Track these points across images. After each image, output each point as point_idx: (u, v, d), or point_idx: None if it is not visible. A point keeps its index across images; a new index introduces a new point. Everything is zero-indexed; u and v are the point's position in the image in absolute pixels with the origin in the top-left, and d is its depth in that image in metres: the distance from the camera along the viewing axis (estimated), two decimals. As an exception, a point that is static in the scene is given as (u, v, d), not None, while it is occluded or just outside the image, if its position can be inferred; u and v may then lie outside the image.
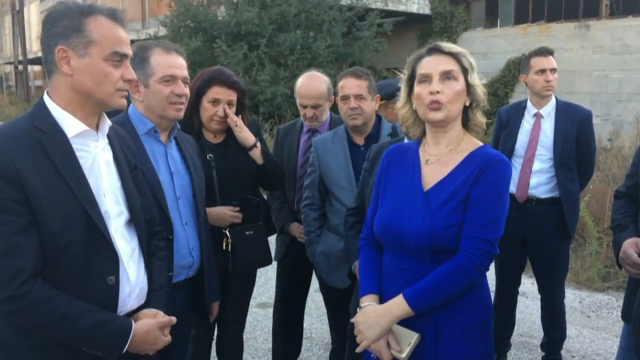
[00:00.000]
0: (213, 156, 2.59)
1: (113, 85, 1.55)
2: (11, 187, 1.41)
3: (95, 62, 1.52)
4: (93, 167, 1.57)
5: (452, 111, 1.79)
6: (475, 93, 1.81)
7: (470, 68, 1.80)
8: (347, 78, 2.78)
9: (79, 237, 1.49)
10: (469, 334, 1.79)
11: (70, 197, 1.48)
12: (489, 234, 1.72)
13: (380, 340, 1.78)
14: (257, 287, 4.76)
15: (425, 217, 1.76)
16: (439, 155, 1.85)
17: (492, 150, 1.85)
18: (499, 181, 1.76)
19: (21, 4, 28.91)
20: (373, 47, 14.63)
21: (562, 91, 12.33)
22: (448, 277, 1.72)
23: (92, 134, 1.59)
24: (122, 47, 1.56)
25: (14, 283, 1.40)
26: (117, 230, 1.61)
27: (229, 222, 2.56)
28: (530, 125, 3.43)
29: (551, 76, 3.36)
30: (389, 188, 1.92)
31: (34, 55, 32.36)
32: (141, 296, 1.69)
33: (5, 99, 30.41)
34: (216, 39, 13.20)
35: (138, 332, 1.58)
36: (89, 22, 1.52)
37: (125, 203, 1.66)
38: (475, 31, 16.07)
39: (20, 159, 1.42)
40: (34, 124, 1.50)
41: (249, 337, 4.01)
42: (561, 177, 3.36)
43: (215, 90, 2.55)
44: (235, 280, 2.67)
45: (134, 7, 23.40)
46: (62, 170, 1.48)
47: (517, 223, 3.45)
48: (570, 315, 4.37)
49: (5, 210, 1.40)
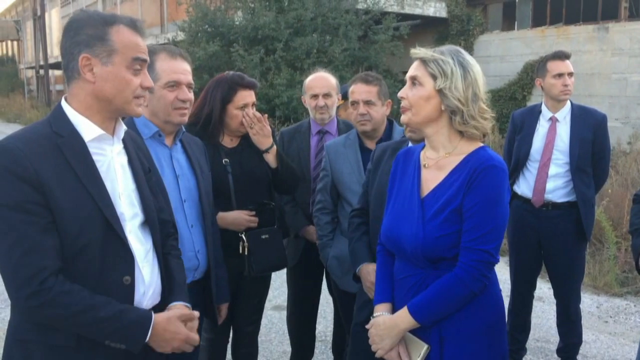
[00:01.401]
0: (229, 161, 2.61)
1: (132, 92, 1.60)
2: (31, 189, 1.45)
3: (118, 70, 1.57)
4: (109, 170, 1.62)
5: (419, 115, 1.80)
6: (446, 99, 1.76)
7: (440, 74, 1.75)
8: (357, 84, 2.81)
9: (96, 238, 1.53)
10: (475, 340, 1.79)
11: (87, 200, 1.52)
12: (486, 244, 1.71)
13: (392, 350, 1.82)
14: (272, 289, 4.79)
15: (419, 226, 1.77)
16: (436, 159, 1.85)
17: (486, 153, 1.79)
18: (493, 187, 1.73)
19: (42, 10, 29.37)
20: (389, 51, 14.61)
21: (581, 94, 12.22)
22: (447, 290, 1.73)
23: (108, 138, 1.63)
24: (142, 54, 1.61)
25: (37, 280, 1.43)
26: (132, 232, 1.65)
27: (245, 226, 2.58)
28: (545, 130, 3.42)
29: (569, 80, 3.35)
30: (394, 193, 1.94)
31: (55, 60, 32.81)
32: (155, 297, 1.72)
33: (27, 103, 30.89)
34: (233, 43, 13.29)
35: (158, 321, 1.60)
36: (112, 32, 1.57)
37: (140, 205, 1.69)
38: (492, 34, 15.97)
39: (39, 162, 1.47)
40: (53, 129, 1.55)
41: (264, 340, 4.03)
42: (577, 181, 3.35)
43: (241, 95, 2.59)
44: (250, 283, 2.70)
45: (153, 13, 23.67)
46: (80, 173, 1.52)
47: (533, 227, 3.45)
48: (588, 321, 4.33)
49: (27, 211, 1.44)
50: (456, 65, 1.76)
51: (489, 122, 1.81)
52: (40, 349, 1.54)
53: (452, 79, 1.75)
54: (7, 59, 52.15)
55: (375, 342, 1.84)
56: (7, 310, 4.56)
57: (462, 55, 1.80)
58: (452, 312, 1.75)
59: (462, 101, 1.74)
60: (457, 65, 1.76)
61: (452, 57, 1.77)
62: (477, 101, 1.77)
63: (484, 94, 1.82)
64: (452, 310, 1.75)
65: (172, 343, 1.64)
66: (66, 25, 1.60)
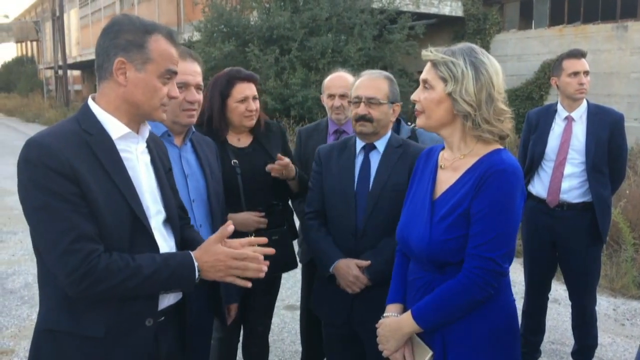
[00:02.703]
0: (237, 162, 2.60)
1: (160, 100, 1.64)
2: (68, 182, 1.50)
3: (149, 78, 1.62)
4: (135, 167, 1.66)
5: (432, 119, 1.77)
6: (456, 103, 1.70)
7: (450, 78, 1.70)
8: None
9: (126, 232, 1.58)
10: (481, 349, 1.74)
11: (117, 194, 1.57)
12: (492, 251, 1.65)
13: (397, 352, 1.81)
14: (285, 289, 4.81)
15: (426, 228, 1.74)
16: (452, 160, 1.81)
17: (499, 156, 1.72)
18: (501, 192, 1.66)
19: (61, 10, 29.73)
20: (404, 50, 14.59)
21: (599, 93, 12.07)
22: (450, 296, 1.69)
23: (134, 136, 1.68)
24: (175, 66, 1.67)
25: (87, 264, 1.47)
26: (156, 228, 1.69)
27: (255, 227, 2.58)
28: (561, 129, 3.38)
29: (584, 79, 3.31)
30: (411, 193, 1.92)
31: (73, 60, 33.24)
32: (177, 294, 1.75)
33: (45, 103, 31.33)
34: (248, 43, 13.35)
35: (198, 255, 1.62)
36: (150, 41, 1.61)
37: (162, 203, 1.74)
38: (509, 33, 15.84)
39: (72, 156, 1.51)
40: (81, 127, 1.59)
41: (277, 339, 4.04)
42: (593, 181, 3.30)
43: (239, 87, 2.57)
44: (260, 283, 2.69)
45: (170, 13, 23.87)
46: (109, 170, 1.57)
47: (547, 228, 3.41)
48: (604, 323, 4.27)
49: (70, 201, 1.49)
50: (467, 66, 1.69)
51: (507, 123, 1.73)
52: (70, 339, 1.58)
53: (463, 82, 1.68)
54: (27, 59, 52.92)
55: (382, 342, 1.84)
56: (23, 307, 4.64)
57: (475, 54, 1.71)
58: (456, 319, 1.72)
59: (473, 105, 1.68)
60: (469, 67, 1.69)
61: (464, 58, 1.70)
62: (492, 103, 1.69)
63: (502, 93, 1.73)
64: (456, 317, 1.72)
65: (220, 268, 1.63)
66: (107, 26, 1.66)
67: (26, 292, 4.94)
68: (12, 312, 4.50)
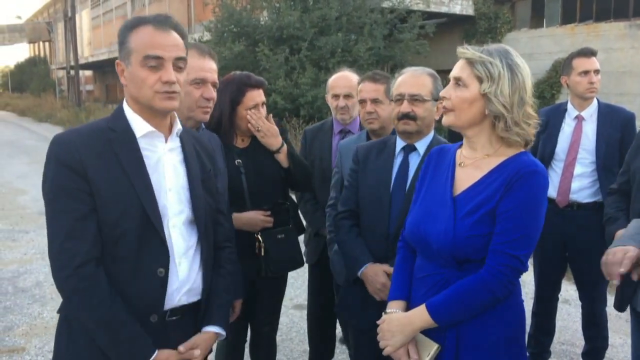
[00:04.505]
0: (241, 161, 2.60)
1: (150, 88, 1.63)
2: (77, 177, 1.57)
3: (134, 69, 1.63)
4: (157, 165, 1.69)
5: (461, 119, 1.74)
6: (491, 104, 1.69)
7: (487, 77, 1.68)
8: (365, 82, 2.77)
9: (133, 227, 1.61)
10: (494, 350, 1.72)
11: (129, 191, 1.61)
12: (517, 249, 1.65)
13: (401, 349, 1.77)
14: (294, 288, 4.82)
15: (449, 223, 1.72)
16: (473, 159, 1.79)
17: (528, 158, 1.73)
18: (532, 194, 1.67)
19: (73, 11, 29.96)
20: (415, 50, 14.52)
21: (611, 92, 11.96)
22: (470, 291, 1.67)
23: (158, 135, 1.71)
24: (155, 51, 1.62)
25: (73, 264, 1.55)
26: (176, 227, 1.71)
27: (261, 226, 2.58)
28: (571, 128, 3.36)
29: (595, 78, 3.28)
30: (423, 191, 1.90)
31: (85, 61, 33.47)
32: (192, 294, 1.76)
33: (58, 103, 31.57)
34: (258, 43, 13.36)
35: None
36: (131, 34, 1.64)
37: (189, 203, 1.74)
38: (520, 31, 15.76)
39: (87, 153, 1.59)
40: (109, 125, 1.68)
41: (285, 339, 4.05)
42: (604, 181, 3.26)
43: (250, 95, 2.58)
44: (267, 283, 2.69)
45: (180, 13, 23.97)
46: (126, 166, 1.62)
47: (557, 228, 3.38)
48: (615, 324, 4.23)
49: (72, 196, 1.57)
50: (504, 68, 1.68)
51: (532, 128, 1.73)
52: (80, 327, 1.63)
53: (499, 83, 1.67)
54: (39, 59, 53.40)
55: (386, 338, 1.79)
56: (34, 306, 4.67)
57: (511, 56, 1.71)
58: (471, 316, 1.70)
59: (507, 107, 1.67)
60: (506, 68, 1.68)
61: (501, 59, 1.69)
62: (523, 106, 1.70)
63: (531, 97, 1.73)
64: (472, 313, 1.70)
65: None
66: None
67: (37, 291, 4.98)
68: (24, 311, 4.54)
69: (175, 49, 1.65)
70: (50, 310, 4.54)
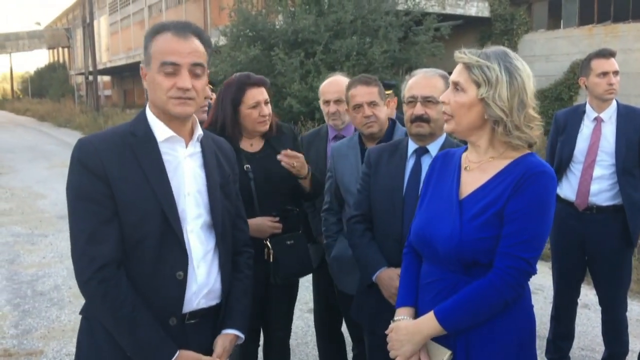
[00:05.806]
0: (250, 167, 2.57)
1: (165, 93, 1.66)
2: (98, 180, 1.60)
3: (153, 75, 1.68)
4: (177, 169, 1.72)
5: (461, 124, 1.72)
6: (489, 109, 1.66)
7: (484, 82, 1.65)
8: (357, 86, 2.70)
9: (153, 231, 1.64)
10: (506, 356, 1.69)
11: (149, 195, 1.64)
12: (525, 252, 1.62)
13: (412, 357, 1.74)
14: (308, 292, 4.80)
15: (456, 227, 1.69)
16: (479, 162, 1.77)
17: (536, 159, 1.70)
18: (540, 195, 1.64)
19: (91, 18, 30.34)
20: (430, 52, 14.46)
21: (631, 94, 11.79)
22: (479, 295, 1.64)
23: (179, 140, 1.74)
24: (171, 57, 1.65)
25: (95, 266, 1.58)
26: (194, 231, 1.73)
27: (269, 232, 2.55)
28: (590, 130, 3.31)
29: (614, 79, 3.23)
30: (428, 195, 1.88)
31: (103, 66, 33.84)
32: (210, 298, 1.78)
33: (76, 108, 32.00)
34: (274, 47, 13.41)
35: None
36: (153, 41, 1.68)
37: (207, 207, 1.76)
38: (537, 33, 15.61)
39: (108, 157, 1.63)
40: (130, 129, 1.71)
41: (300, 343, 4.04)
42: (624, 183, 3.22)
43: (251, 93, 2.55)
44: (278, 289, 2.66)
45: (196, 19, 24.18)
46: (147, 170, 1.65)
47: (576, 232, 3.34)
48: (635, 329, 4.16)
49: (94, 201, 1.60)
50: (502, 71, 1.65)
51: (536, 130, 1.70)
52: (101, 328, 1.66)
53: (497, 88, 1.64)
54: (58, 65, 54.20)
55: (395, 347, 1.76)
56: (52, 309, 4.72)
57: (509, 59, 1.68)
58: (481, 321, 1.67)
59: (506, 111, 1.65)
60: (503, 72, 1.65)
61: (499, 62, 1.66)
62: (524, 109, 1.66)
63: (533, 99, 1.71)
64: (482, 318, 1.67)
65: None
66: None
67: (55, 294, 5.04)
68: (42, 314, 4.59)
69: (192, 55, 1.67)
70: (68, 313, 4.58)
